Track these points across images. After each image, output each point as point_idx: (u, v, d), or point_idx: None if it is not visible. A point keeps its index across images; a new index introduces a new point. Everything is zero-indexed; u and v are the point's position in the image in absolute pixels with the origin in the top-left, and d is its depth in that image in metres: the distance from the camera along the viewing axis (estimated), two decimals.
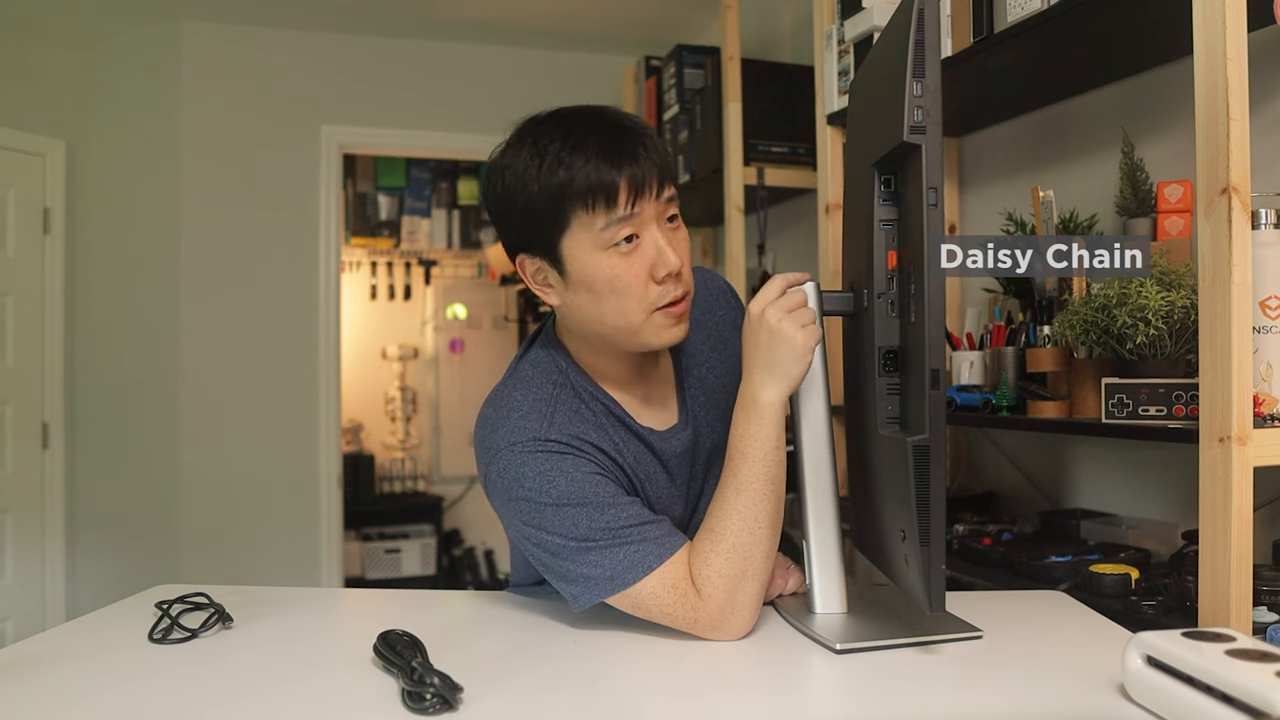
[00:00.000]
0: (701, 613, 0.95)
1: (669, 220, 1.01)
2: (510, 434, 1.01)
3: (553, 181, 0.96)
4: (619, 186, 0.95)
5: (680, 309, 1.01)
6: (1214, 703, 0.67)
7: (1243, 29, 0.99)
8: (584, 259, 0.98)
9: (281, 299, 3.51)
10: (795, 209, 2.73)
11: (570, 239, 0.98)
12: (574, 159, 0.96)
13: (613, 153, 0.96)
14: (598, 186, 0.95)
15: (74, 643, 0.99)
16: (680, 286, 1.01)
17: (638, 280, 0.98)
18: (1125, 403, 1.22)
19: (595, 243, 0.97)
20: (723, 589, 0.95)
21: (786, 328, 0.95)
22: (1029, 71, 1.59)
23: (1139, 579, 1.28)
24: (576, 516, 0.96)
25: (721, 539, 0.96)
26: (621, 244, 0.97)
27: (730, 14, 2.44)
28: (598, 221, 0.96)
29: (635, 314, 0.99)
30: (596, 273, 0.98)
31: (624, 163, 0.95)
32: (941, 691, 0.83)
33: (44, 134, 3.49)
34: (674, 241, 1.00)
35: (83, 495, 3.56)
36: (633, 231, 0.97)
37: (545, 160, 0.97)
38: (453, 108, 3.62)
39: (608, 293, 0.99)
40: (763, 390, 0.97)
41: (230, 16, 3.38)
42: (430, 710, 0.76)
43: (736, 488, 0.97)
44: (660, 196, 0.98)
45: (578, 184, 0.95)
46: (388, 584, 4.43)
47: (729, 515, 0.97)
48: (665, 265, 0.98)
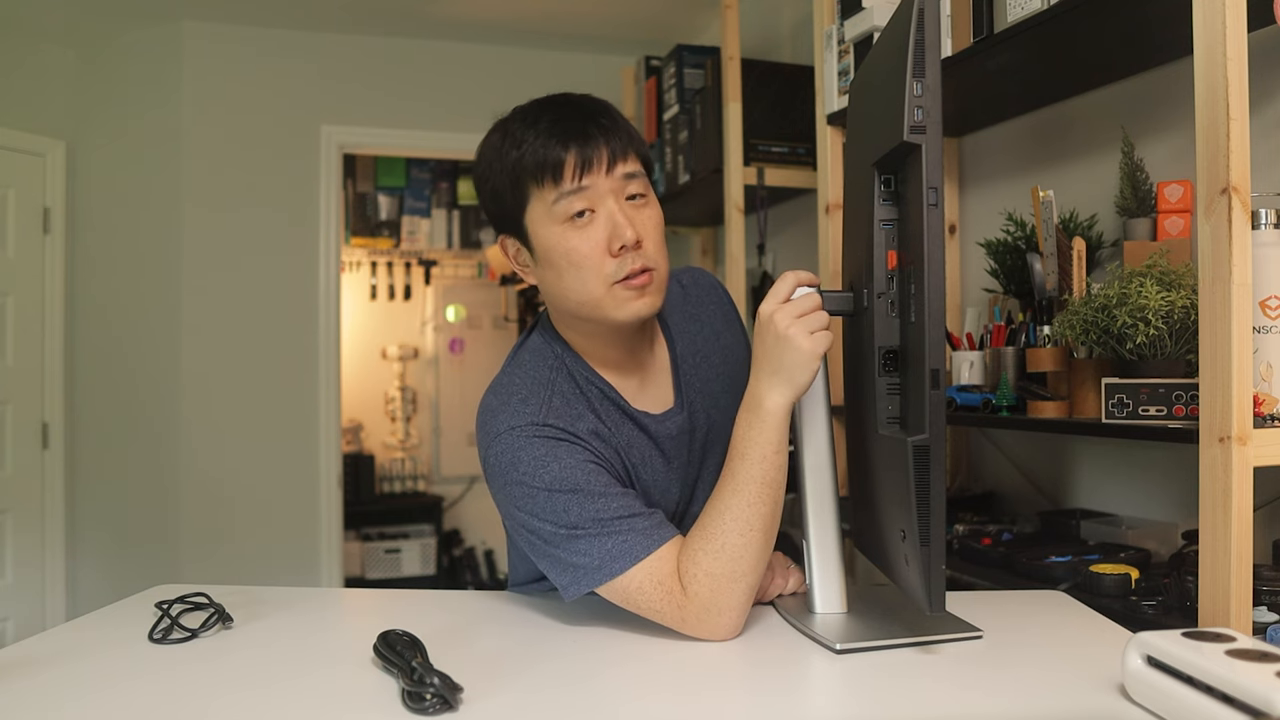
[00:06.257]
0: (687, 610, 0.95)
1: (631, 198, 1.03)
2: (510, 418, 1.03)
3: (509, 159, 1.02)
4: (564, 161, 0.99)
5: (641, 281, 1.02)
6: (1214, 703, 0.67)
7: (1243, 29, 0.99)
8: (542, 234, 1.03)
9: (281, 299, 3.51)
10: (795, 209, 2.73)
11: (530, 215, 1.03)
12: (525, 136, 1.01)
13: (560, 129, 1.00)
14: (544, 162, 1.00)
15: (74, 643, 0.99)
16: (640, 259, 1.02)
17: (594, 253, 1.01)
18: (1125, 403, 1.22)
19: (550, 216, 1.01)
20: (708, 588, 0.95)
21: (795, 334, 0.94)
22: (1029, 71, 1.59)
23: (1139, 579, 1.28)
24: (567, 503, 0.98)
25: (712, 538, 0.96)
26: (575, 218, 1.01)
27: (730, 14, 2.44)
28: (549, 195, 1.01)
29: (595, 287, 1.02)
30: (554, 247, 1.02)
31: (571, 139, 1.00)
32: (941, 691, 0.83)
33: (44, 134, 3.49)
34: (636, 218, 1.02)
35: (83, 495, 3.57)
36: (586, 206, 1.01)
37: (505, 140, 1.03)
38: (453, 108, 3.63)
39: (566, 266, 1.02)
40: (768, 395, 0.97)
41: (230, 16, 3.38)
42: (430, 710, 0.76)
43: (733, 488, 0.97)
44: (612, 172, 1.01)
45: (527, 160, 1.01)
46: (388, 584, 4.43)
47: (723, 515, 0.97)
48: (619, 238, 1.00)
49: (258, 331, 3.48)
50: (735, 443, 0.99)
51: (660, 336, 1.17)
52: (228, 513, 3.41)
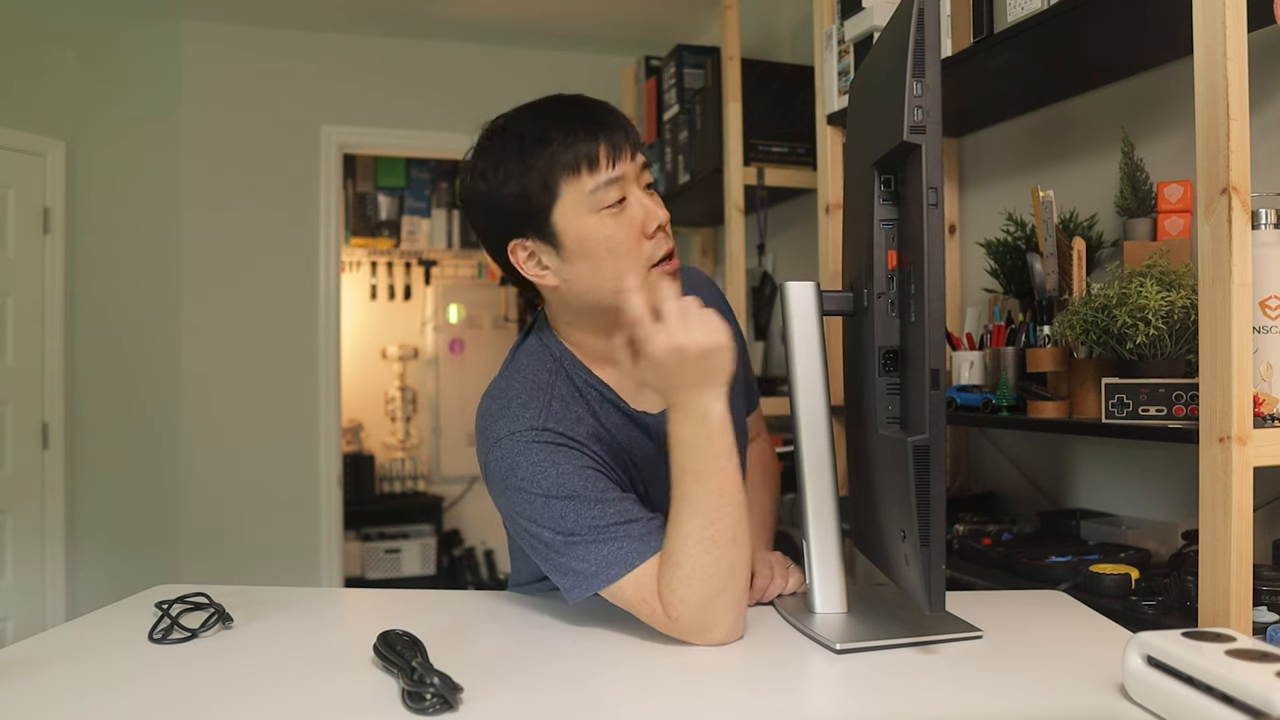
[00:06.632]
0: (675, 628, 0.96)
1: (647, 187, 1.06)
2: (510, 423, 1.03)
3: (539, 158, 1.01)
4: (599, 149, 1.01)
5: (673, 265, 1.06)
6: (1214, 703, 0.67)
7: (1243, 29, 0.99)
8: (577, 225, 1.02)
9: (281, 299, 3.51)
10: (795, 209, 2.73)
11: (561, 210, 1.02)
12: (552, 133, 1.01)
13: (586, 121, 1.02)
14: (580, 153, 1.00)
15: (74, 643, 0.99)
16: (668, 243, 1.05)
17: (630, 238, 1.02)
18: (1125, 403, 1.22)
19: (587, 207, 1.01)
20: (688, 614, 0.94)
21: (698, 339, 0.91)
22: (1029, 71, 1.59)
23: (1139, 579, 1.28)
24: (564, 510, 0.98)
25: (680, 565, 0.94)
26: (612, 206, 1.02)
27: (730, 14, 2.44)
28: (585, 185, 1.01)
29: (634, 273, 1.01)
30: (591, 236, 1.02)
31: (598, 129, 1.01)
32: (941, 691, 0.83)
33: (44, 134, 3.49)
34: (656, 204, 1.05)
35: (83, 495, 3.57)
36: (620, 194, 1.02)
37: (524, 142, 1.02)
38: (453, 108, 3.62)
39: (605, 255, 1.02)
40: (711, 403, 0.94)
41: (230, 16, 3.38)
42: (430, 710, 0.76)
43: (690, 511, 0.95)
44: (634, 159, 1.03)
45: (560, 154, 1.00)
46: (388, 584, 4.42)
47: (685, 540, 0.94)
48: (654, 219, 1.03)
49: (258, 331, 3.48)
50: (683, 461, 0.95)
51: None
52: (228, 513, 3.41)
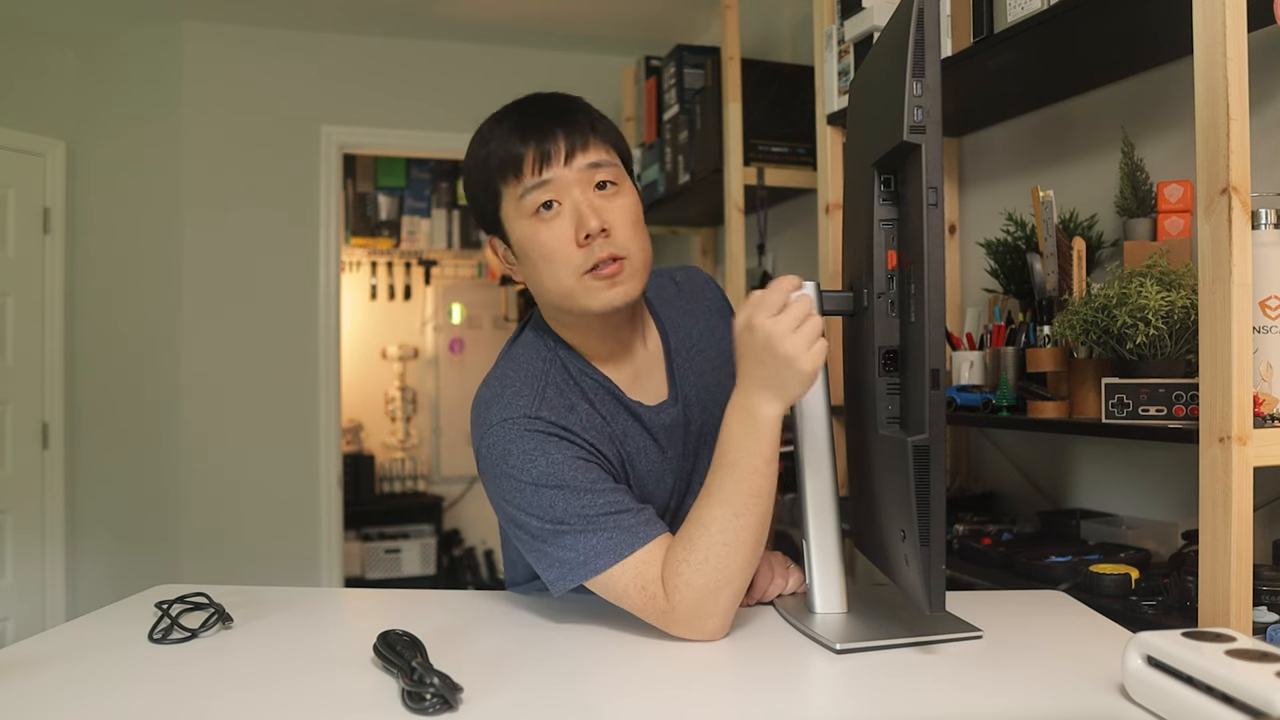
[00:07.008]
0: (670, 616, 0.96)
1: (600, 186, 1.03)
2: (503, 410, 1.03)
3: (479, 159, 1.06)
4: (524, 156, 1.02)
5: (611, 270, 1.02)
6: (1214, 703, 0.67)
7: (1243, 29, 0.99)
8: (514, 228, 1.05)
9: (281, 299, 3.51)
10: (795, 209, 2.73)
11: (504, 212, 1.06)
12: (492, 135, 1.05)
13: (521, 126, 1.03)
14: (506, 158, 1.03)
15: (74, 643, 0.99)
16: (609, 248, 1.01)
17: (562, 244, 1.02)
18: (1125, 403, 1.22)
19: (519, 211, 1.03)
20: (689, 599, 0.94)
21: (794, 352, 0.90)
22: (1029, 71, 1.59)
23: (1139, 579, 1.28)
24: (553, 498, 0.98)
25: (696, 549, 0.95)
26: (542, 210, 1.02)
27: (730, 14, 2.44)
28: (515, 190, 1.03)
29: (566, 278, 1.02)
30: (525, 240, 1.04)
31: (530, 134, 1.02)
32: (941, 691, 0.83)
33: (44, 134, 3.49)
34: (606, 207, 1.02)
35: (83, 496, 3.57)
36: (551, 198, 1.02)
37: (481, 141, 1.06)
38: (453, 108, 3.62)
39: (539, 259, 1.03)
40: (762, 407, 0.94)
41: (230, 16, 3.39)
42: (430, 710, 0.76)
43: (721, 499, 0.95)
44: (571, 163, 1.02)
45: (492, 158, 1.04)
46: (388, 584, 4.43)
47: (708, 526, 0.95)
48: (584, 227, 1.01)
49: (258, 332, 3.48)
50: (724, 451, 0.96)
51: (653, 330, 1.17)
52: (228, 513, 3.41)
